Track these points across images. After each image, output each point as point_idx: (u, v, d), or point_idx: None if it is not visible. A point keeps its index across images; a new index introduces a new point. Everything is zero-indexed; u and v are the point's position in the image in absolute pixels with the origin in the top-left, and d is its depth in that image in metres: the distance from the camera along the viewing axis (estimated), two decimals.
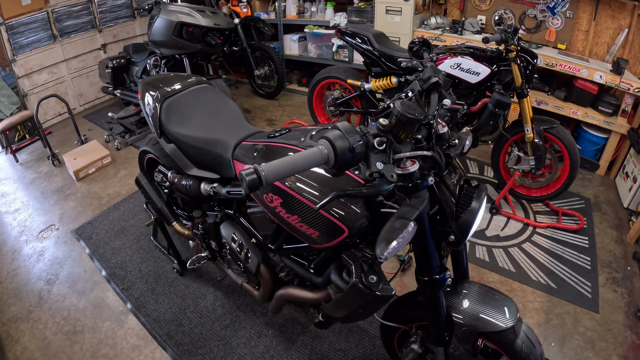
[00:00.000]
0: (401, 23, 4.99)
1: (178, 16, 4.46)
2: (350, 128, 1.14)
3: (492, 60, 3.36)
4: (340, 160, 1.11)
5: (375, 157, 1.19)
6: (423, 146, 1.30)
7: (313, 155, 1.10)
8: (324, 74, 4.51)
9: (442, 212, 1.47)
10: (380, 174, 1.19)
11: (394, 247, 1.25)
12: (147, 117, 2.60)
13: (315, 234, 1.64)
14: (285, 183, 1.66)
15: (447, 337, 1.73)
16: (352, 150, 1.12)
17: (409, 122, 1.17)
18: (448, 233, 1.51)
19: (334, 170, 1.15)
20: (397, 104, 1.18)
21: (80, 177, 4.52)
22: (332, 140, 1.11)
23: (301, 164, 1.09)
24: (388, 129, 1.20)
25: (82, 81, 6.30)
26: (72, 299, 3.04)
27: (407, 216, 1.27)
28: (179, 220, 2.85)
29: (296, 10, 6.03)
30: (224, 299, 2.95)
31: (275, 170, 1.06)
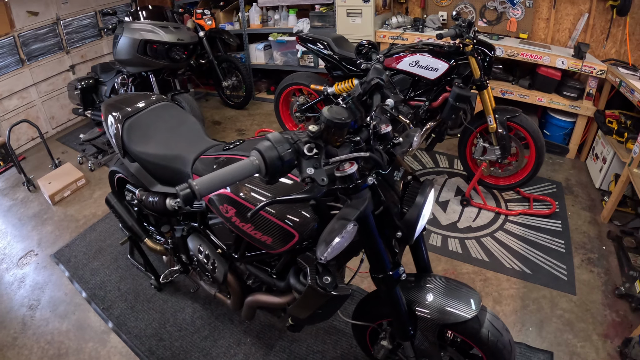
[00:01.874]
0: (362, 25, 5.03)
1: (141, 34, 4.45)
2: (280, 138, 1.19)
3: (450, 55, 3.40)
4: (271, 169, 1.16)
5: (306, 163, 1.22)
6: (362, 147, 1.35)
7: (244, 166, 1.15)
8: (288, 81, 4.54)
9: (387, 209, 1.51)
10: (311, 178, 1.22)
11: (333, 248, 1.29)
12: (111, 138, 2.63)
13: (269, 240, 1.68)
14: (239, 194, 1.70)
15: (412, 332, 1.76)
16: (282, 159, 1.17)
17: (336, 127, 1.22)
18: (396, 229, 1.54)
19: (267, 179, 1.19)
20: (324, 111, 1.23)
21: (56, 201, 4.48)
22: (261, 151, 1.15)
23: (233, 175, 1.14)
24: (317, 134, 1.23)
25: (53, 104, 6.25)
26: (55, 323, 3.02)
27: (347, 217, 1.31)
28: (151, 237, 2.87)
29: (260, 19, 6.06)
30: (202, 310, 2.96)
31: (207, 184, 1.11)
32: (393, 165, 1.55)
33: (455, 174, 4.29)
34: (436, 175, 4.32)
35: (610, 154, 3.83)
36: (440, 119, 3.57)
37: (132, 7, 6.67)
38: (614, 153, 3.76)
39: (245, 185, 1.72)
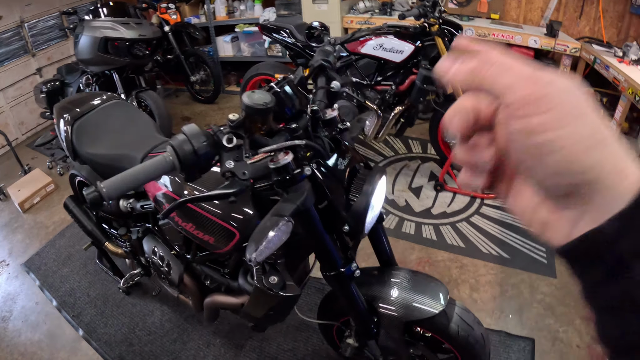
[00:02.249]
0: (329, 11, 4.96)
1: (102, 32, 4.34)
2: (196, 130, 1.08)
3: (416, 36, 3.32)
4: (186, 165, 1.06)
5: (227, 156, 1.11)
6: (300, 135, 1.24)
7: (157, 164, 1.05)
8: (253, 72, 4.47)
9: (330, 201, 1.40)
10: (231, 172, 1.11)
11: (263, 249, 1.18)
12: (62, 141, 2.54)
13: (211, 239, 1.60)
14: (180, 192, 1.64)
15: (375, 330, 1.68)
16: (197, 153, 1.06)
17: (257, 113, 1.10)
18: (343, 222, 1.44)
19: (184, 176, 1.10)
20: (244, 97, 1.11)
21: (26, 209, 4.41)
22: (174, 146, 1.05)
23: (145, 173, 1.05)
24: (238, 123, 1.12)
25: (22, 109, 6.12)
26: (27, 334, 2.98)
27: (281, 212, 1.20)
28: (112, 240, 2.79)
29: (226, 11, 5.98)
30: (170, 312, 2.91)
31: (116, 185, 1.02)
32: (338, 153, 1.44)
33: (429, 159, 4.23)
34: (409, 161, 4.25)
35: None
36: (409, 103, 3.47)
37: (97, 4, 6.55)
38: None
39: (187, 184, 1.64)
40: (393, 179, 3.95)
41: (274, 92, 1.22)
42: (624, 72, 3.20)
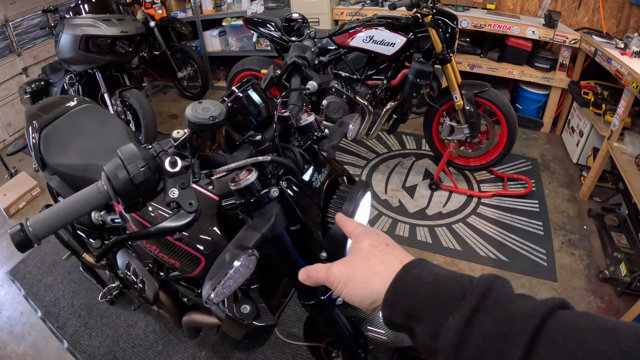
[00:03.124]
0: (318, 3, 4.83)
1: (82, 29, 4.21)
2: (133, 152, 0.91)
3: (408, 28, 3.18)
4: (122, 195, 0.89)
5: (171, 182, 0.93)
6: (266, 148, 1.08)
7: (90, 195, 0.90)
8: (239, 68, 4.33)
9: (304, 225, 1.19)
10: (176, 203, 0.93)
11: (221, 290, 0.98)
12: (31, 150, 2.40)
13: (177, 263, 1.46)
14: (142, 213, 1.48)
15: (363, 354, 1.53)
16: (133, 181, 0.89)
17: (201, 129, 0.92)
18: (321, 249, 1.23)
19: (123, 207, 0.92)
20: (187, 110, 0.93)
21: (12, 214, 4.30)
22: (107, 174, 0.90)
23: (78, 208, 0.89)
24: (183, 142, 0.95)
25: (8, 110, 6.01)
26: (12, 345, 2.90)
27: (244, 243, 1.02)
28: (89, 251, 2.64)
29: (212, 5, 5.88)
30: (155, 324, 2.81)
31: (45, 224, 0.86)
32: (315, 166, 1.23)
33: (424, 156, 4.10)
34: (402, 158, 4.12)
35: (587, 126, 3.68)
36: (401, 98, 3.33)
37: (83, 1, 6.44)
38: (592, 126, 3.61)
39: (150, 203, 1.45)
40: (386, 178, 3.83)
41: (236, 98, 1.06)
42: (628, 65, 3.07)
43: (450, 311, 0.55)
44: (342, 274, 0.72)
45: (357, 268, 0.71)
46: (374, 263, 0.70)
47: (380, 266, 0.69)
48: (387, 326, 0.66)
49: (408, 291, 0.61)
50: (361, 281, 0.68)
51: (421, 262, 0.66)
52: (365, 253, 0.73)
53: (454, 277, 0.61)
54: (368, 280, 0.68)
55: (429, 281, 0.61)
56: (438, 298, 0.58)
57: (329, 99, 3.42)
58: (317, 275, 0.77)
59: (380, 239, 0.76)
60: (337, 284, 0.72)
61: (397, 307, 0.62)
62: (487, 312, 0.53)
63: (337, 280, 0.72)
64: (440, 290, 0.59)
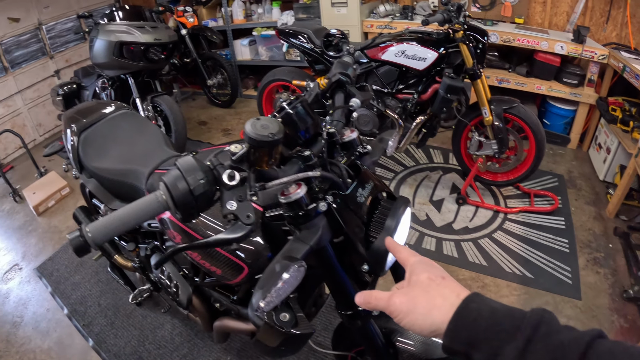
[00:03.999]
0: (348, 15, 4.86)
1: (117, 35, 4.30)
2: (192, 165, 0.94)
3: (439, 43, 3.19)
4: (181, 206, 0.93)
5: (228, 195, 0.97)
6: (314, 163, 1.10)
7: (149, 204, 0.93)
8: (270, 78, 4.37)
9: (348, 239, 1.23)
10: (234, 215, 0.97)
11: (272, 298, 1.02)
12: (68, 152, 2.46)
13: (218, 271, 1.49)
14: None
15: None
16: (193, 193, 0.93)
17: (261, 145, 0.95)
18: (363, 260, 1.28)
19: (180, 217, 0.95)
20: (246, 126, 0.95)
21: (41, 212, 4.40)
22: (167, 184, 0.92)
23: (136, 216, 0.92)
24: (241, 157, 0.98)
25: (39, 111, 6.15)
26: (37, 341, 2.94)
27: (292, 254, 1.05)
28: (121, 253, 2.70)
29: (243, 14, 5.94)
30: (181, 327, 2.82)
31: (103, 230, 0.89)
32: (358, 181, 1.27)
33: (451, 170, 4.10)
34: (430, 172, 4.12)
35: (614, 143, 3.64)
36: (431, 113, 3.35)
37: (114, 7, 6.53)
38: (619, 143, 3.58)
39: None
40: (414, 191, 3.84)
41: (286, 114, 1.09)
42: None
43: (507, 341, 0.62)
44: (404, 305, 0.76)
45: (418, 301, 0.75)
46: (434, 296, 0.75)
47: (440, 299, 0.74)
48: (445, 352, 0.71)
49: (468, 323, 0.67)
50: (422, 313, 0.73)
51: (477, 296, 0.72)
52: (424, 286, 0.77)
53: (508, 311, 0.67)
54: (429, 313, 0.73)
55: (486, 314, 0.67)
56: (495, 329, 0.64)
57: (360, 112, 3.40)
58: (377, 303, 0.82)
59: (437, 272, 0.80)
60: (398, 314, 0.77)
61: (457, 338, 0.67)
62: (539, 342, 0.61)
63: (398, 311, 0.77)
64: (497, 322, 0.65)
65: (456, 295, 0.73)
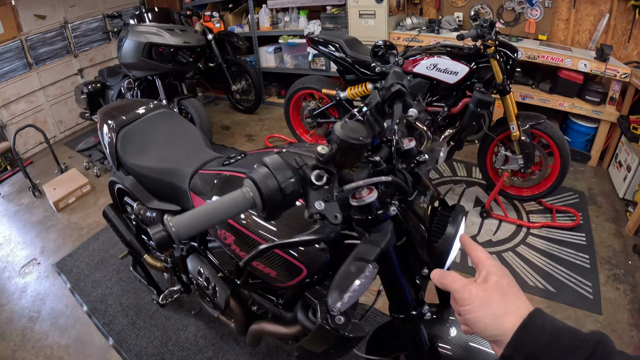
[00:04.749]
0: (376, 26, 4.91)
1: (146, 37, 4.35)
2: (280, 163, 0.95)
3: (470, 57, 3.23)
4: (269, 203, 0.93)
5: (314, 195, 0.97)
6: (383, 169, 1.13)
7: (235, 200, 0.92)
8: (298, 86, 4.41)
9: (411, 243, 1.27)
10: (321, 215, 0.97)
11: (349, 298, 1.02)
12: (105, 148, 2.46)
13: (272, 273, 1.49)
14: (239, 220, 1.50)
15: None
16: (283, 191, 0.93)
17: (351, 148, 0.96)
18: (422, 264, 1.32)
19: (264, 215, 0.96)
20: (336, 128, 0.97)
21: (61, 208, 4.43)
22: (256, 181, 0.92)
23: (221, 213, 0.92)
24: (328, 158, 0.98)
25: (61, 108, 6.23)
26: (54, 337, 2.93)
27: (365, 256, 1.05)
28: (151, 253, 2.71)
29: (270, 22, 5.98)
30: (205, 329, 2.81)
31: (188, 225, 0.89)
32: (419, 189, 1.32)
33: (474, 183, 4.12)
34: (454, 185, 4.15)
35: (635, 162, 3.66)
36: (460, 126, 3.39)
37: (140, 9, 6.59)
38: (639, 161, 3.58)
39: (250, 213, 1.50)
40: None
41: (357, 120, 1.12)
42: None
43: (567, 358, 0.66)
44: (479, 298, 0.78)
45: (494, 300, 0.77)
46: (510, 303, 0.76)
47: (513, 307, 0.75)
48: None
49: (532, 337, 0.70)
50: (494, 313, 0.75)
51: (541, 313, 0.74)
52: (503, 289, 0.79)
53: (570, 330, 0.70)
54: (501, 316, 0.74)
55: (550, 330, 0.70)
56: (557, 346, 0.68)
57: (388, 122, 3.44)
58: (452, 284, 0.84)
59: (512, 281, 0.82)
60: (469, 303, 0.78)
61: (520, 349, 0.70)
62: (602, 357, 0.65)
63: (472, 300, 0.78)
64: (559, 340, 0.68)
65: (527, 308, 0.75)
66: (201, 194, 1.80)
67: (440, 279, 0.88)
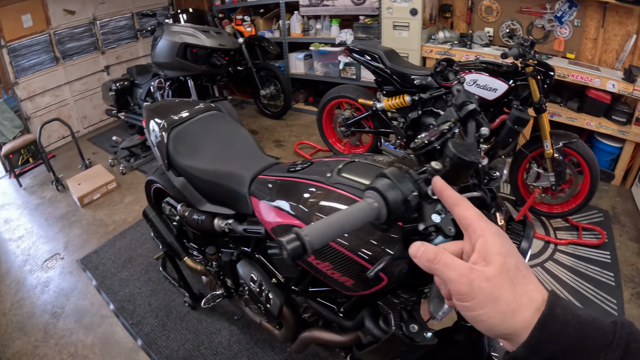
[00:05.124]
0: (409, 38, 4.94)
1: (182, 37, 4.40)
2: (400, 174, 0.96)
3: (508, 75, 3.28)
4: (393, 214, 0.93)
5: (429, 208, 0.99)
6: (469, 186, 1.18)
7: (361, 211, 0.92)
8: (334, 94, 4.42)
9: None
10: (436, 228, 0.97)
11: (447, 308, 0.99)
12: (153, 146, 2.45)
13: (349, 281, 1.49)
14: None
15: None
16: (407, 203, 0.94)
17: (465, 166, 1.00)
18: None
19: (384, 226, 0.95)
20: (450, 145, 1.00)
21: (85, 203, 4.44)
22: (382, 192, 0.92)
23: (350, 223, 0.91)
24: (442, 173, 1.01)
25: (86, 103, 6.30)
26: (79, 334, 2.90)
27: None
28: (191, 255, 2.69)
29: (301, 28, 5.99)
30: (239, 334, 2.77)
31: (321, 235, 0.88)
32: (496, 205, 1.36)
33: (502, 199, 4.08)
34: None
35: None
36: (495, 142, 3.42)
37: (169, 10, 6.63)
38: None
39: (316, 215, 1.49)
40: None
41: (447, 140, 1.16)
42: None
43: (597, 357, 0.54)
44: (482, 292, 0.61)
45: (503, 291, 0.61)
46: (521, 293, 0.61)
47: (526, 298, 0.60)
48: None
49: (553, 335, 0.57)
50: (504, 310, 0.60)
51: (558, 300, 0.60)
52: (511, 275, 0.62)
53: (595, 321, 0.58)
54: (513, 312, 0.59)
55: (573, 324, 0.57)
56: (583, 343, 0.56)
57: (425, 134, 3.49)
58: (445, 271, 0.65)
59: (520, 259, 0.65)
60: (470, 299, 0.61)
61: (539, 351, 0.57)
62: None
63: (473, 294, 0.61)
64: (585, 335, 0.56)
65: (541, 296, 0.61)
66: (262, 199, 1.78)
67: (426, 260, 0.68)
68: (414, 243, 0.71)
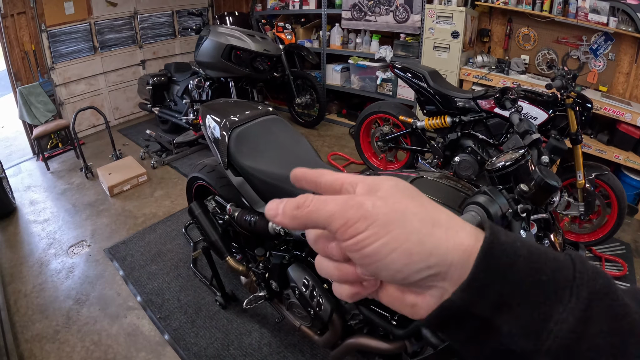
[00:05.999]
0: (448, 60, 4.99)
1: (228, 39, 4.47)
2: (497, 192, 1.04)
3: (548, 104, 3.35)
4: None
5: (517, 225, 1.11)
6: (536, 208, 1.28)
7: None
8: (375, 108, 4.46)
9: None
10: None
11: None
12: (210, 143, 2.48)
13: None
14: None
15: None
16: (504, 217, 1.04)
17: (549, 190, 1.12)
18: None
19: None
20: (538, 170, 1.13)
21: (115, 193, 4.46)
22: (485, 206, 1.00)
23: None
24: (530, 195, 1.14)
25: (119, 95, 6.39)
26: (103, 323, 2.89)
27: None
28: (233, 255, 2.68)
29: (341, 41, 6.03)
30: (270, 337, 2.74)
31: None
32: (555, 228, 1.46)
33: None
34: None
35: None
36: None
37: (207, 10, 6.73)
38: None
39: None
40: None
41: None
42: None
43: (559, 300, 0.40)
44: (380, 209, 0.43)
45: (408, 208, 0.44)
46: (432, 208, 0.45)
47: (443, 215, 0.45)
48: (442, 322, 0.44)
49: (501, 268, 0.41)
50: (418, 228, 0.42)
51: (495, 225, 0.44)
52: (409, 192, 0.46)
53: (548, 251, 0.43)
54: (429, 231, 0.42)
55: (524, 254, 0.42)
56: (540, 280, 0.41)
57: (462, 157, 3.59)
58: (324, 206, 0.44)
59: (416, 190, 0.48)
60: (367, 223, 0.42)
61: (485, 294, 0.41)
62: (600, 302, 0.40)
63: (370, 216, 0.42)
64: (539, 269, 0.41)
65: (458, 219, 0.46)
66: None
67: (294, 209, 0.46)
68: (269, 202, 0.49)
